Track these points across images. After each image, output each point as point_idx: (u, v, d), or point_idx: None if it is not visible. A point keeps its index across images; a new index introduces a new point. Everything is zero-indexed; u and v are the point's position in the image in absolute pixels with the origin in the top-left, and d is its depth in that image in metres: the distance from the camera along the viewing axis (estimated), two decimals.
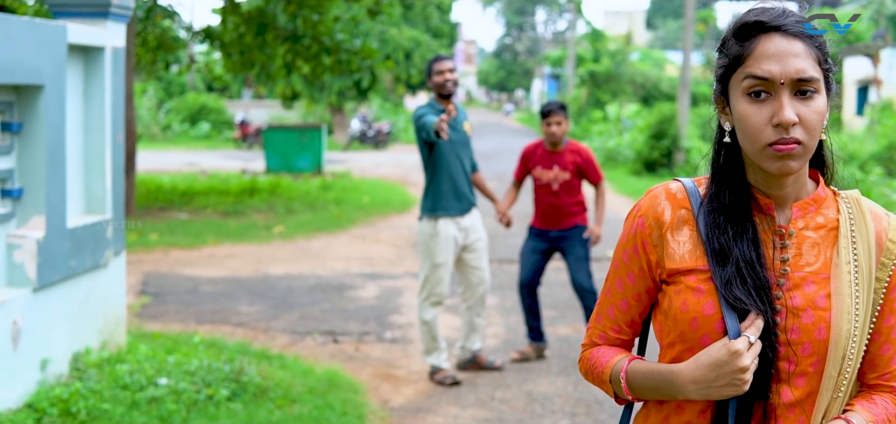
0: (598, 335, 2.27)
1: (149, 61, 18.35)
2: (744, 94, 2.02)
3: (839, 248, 2.07)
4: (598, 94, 40.44)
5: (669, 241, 2.11)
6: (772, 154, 1.99)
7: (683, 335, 2.07)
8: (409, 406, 6.92)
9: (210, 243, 13.80)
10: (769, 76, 1.98)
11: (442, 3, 41.44)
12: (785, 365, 2.02)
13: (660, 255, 2.13)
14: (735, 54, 2.05)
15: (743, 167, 2.11)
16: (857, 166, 18.16)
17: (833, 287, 2.04)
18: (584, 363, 2.30)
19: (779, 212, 2.10)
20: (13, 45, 5.89)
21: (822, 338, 2.01)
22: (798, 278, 2.05)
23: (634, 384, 2.16)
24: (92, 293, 6.94)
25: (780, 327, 2.02)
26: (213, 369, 6.76)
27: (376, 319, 9.42)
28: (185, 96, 41.87)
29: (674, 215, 2.13)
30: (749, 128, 2.01)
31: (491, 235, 14.76)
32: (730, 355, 1.97)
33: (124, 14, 7.28)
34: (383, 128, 35.85)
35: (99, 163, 7.13)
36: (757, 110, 1.99)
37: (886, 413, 2.10)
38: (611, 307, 2.24)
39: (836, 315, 2.02)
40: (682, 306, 2.07)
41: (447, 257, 7.44)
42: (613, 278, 2.23)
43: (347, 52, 16.83)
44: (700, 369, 2.01)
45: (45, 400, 5.94)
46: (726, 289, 2.01)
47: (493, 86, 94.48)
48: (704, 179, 2.18)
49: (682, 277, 2.09)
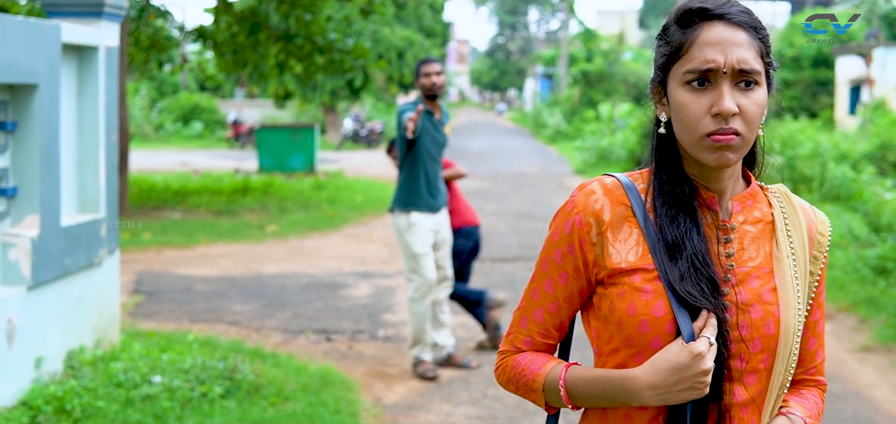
0: (523, 341, 2.12)
1: (142, 61, 18.35)
2: (683, 82, 1.94)
3: (778, 242, 2.02)
4: (591, 93, 40.53)
5: (610, 240, 1.99)
6: (709, 145, 1.91)
7: (631, 339, 1.95)
8: (402, 403, 6.95)
9: (203, 242, 13.81)
10: (711, 64, 1.91)
11: (434, 2, 41.46)
12: (737, 363, 1.95)
13: (597, 254, 2.00)
14: (677, 42, 1.97)
15: (681, 161, 2.02)
16: (850, 165, 18.22)
17: (778, 281, 1.99)
18: (505, 372, 2.14)
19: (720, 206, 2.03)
20: (7, 44, 5.91)
21: (770, 333, 1.96)
22: (743, 273, 1.99)
23: (576, 392, 2.02)
24: (86, 291, 6.96)
25: (730, 324, 1.94)
26: (207, 367, 6.78)
27: (369, 317, 9.44)
28: (178, 96, 41.85)
29: (613, 212, 2.00)
30: (687, 117, 1.93)
31: (487, 234, 14.82)
32: (692, 358, 1.87)
33: (118, 13, 7.29)
34: (376, 127, 35.87)
35: (93, 162, 7.15)
36: (696, 99, 1.92)
37: (816, 406, 2.10)
38: (539, 310, 2.10)
39: (784, 309, 1.97)
40: (628, 309, 1.95)
41: (426, 246, 7.56)
42: (541, 279, 2.09)
43: (340, 51, 16.84)
44: (658, 373, 1.90)
45: (40, 398, 5.96)
46: (680, 285, 1.91)
47: (486, 85, 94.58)
48: (640, 173, 2.08)
49: (625, 277, 1.97)
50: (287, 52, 17.01)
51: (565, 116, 41.53)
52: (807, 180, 16.60)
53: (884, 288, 9.93)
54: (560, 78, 51.06)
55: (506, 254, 13.04)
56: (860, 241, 11.89)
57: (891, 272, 10.36)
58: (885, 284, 10.07)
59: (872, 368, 7.96)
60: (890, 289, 9.89)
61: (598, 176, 2.08)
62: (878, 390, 7.44)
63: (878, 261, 10.60)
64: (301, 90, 31.99)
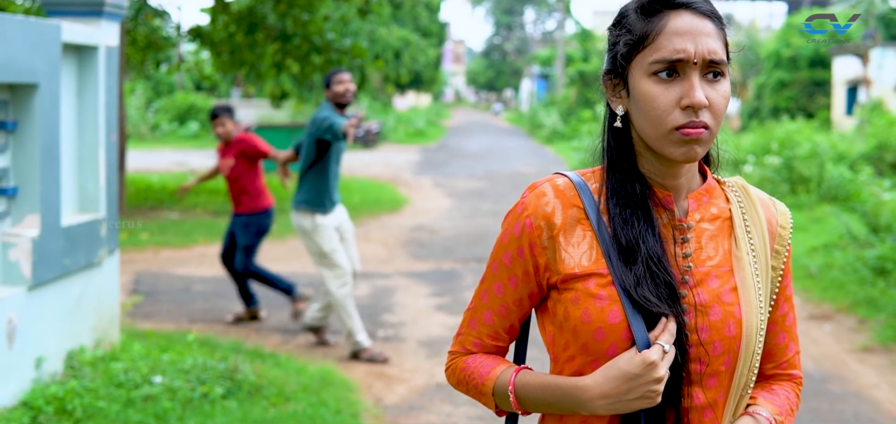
0: (473, 343, 2.08)
1: (138, 61, 18.33)
2: (650, 73, 1.86)
3: (737, 238, 1.96)
4: (588, 93, 40.52)
5: (562, 244, 1.92)
6: (678, 138, 1.84)
7: (586, 346, 1.89)
8: (403, 404, 6.94)
9: (201, 242, 13.79)
10: (681, 55, 1.82)
11: (431, 2, 41.49)
12: (696, 366, 1.89)
13: (549, 258, 1.93)
14: (641, 31, 1.88)
15: (635, 157, 1.95)
16: (847, 165, 18.23)
17: (738, 280, 1.92)
18: (455, 374, 2.11)
19: (676, 204, 1.96)
20: (8, 43, 5.90)
21: (731, 334, 1.89)
22: (701, 273, 1.92)
23: (525, 397, 1.97)
24: (86, 291, 6.94)
25: (688, 327, 1.88)
26: (208, 367, 6.77)
27: (368, 318, 9.42)
28: (174, 96, 41.79)
29: (565, 215, 1.93)
30: (654, 110, 1.85)
31: (481, 233, 14.84)
32: (644, 367, 1.81)
33: (118, 13, 7.28)
34: (373, 127, 35.84)
35: (92, 162, 7.14)
36: (664, 91, 1.84)
37: (788, 401, 2.03)
38: (488, 313, 2.05)
39: (745, 309, 1.91)
40: (582, 316, 1.88)
41: (335, 242, 8.01)
42: (491, 281, 2.03)
43: (338, 51, 16.83)
44: (609, 382, 1.85)
45: (41, 398, 5.94)
46: (636, 290, 1.84)
47: (482, 85, 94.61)
48: (592, 171, 2.00)
49: (579, 283, 1.90)
50: (284, 51, 16.99)
51: (562, 116, 41.55)
52: (805, 181, 16.61)
53: (883, 288, 9.93)
54: (556, 78, 51.08)
55: None
56: (859, 241, 11.90)
57: (890, 272, 10.36)
58: (885, 284, 10.07)
59: (872, 368, 7.96)
60: (889, 289, 9.89)
61: (550, 176, 2.00)
62: (879, 390, 7.44)
63: (878, 261, 10.60)
64: (297, 90, 31.95)
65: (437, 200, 19.52)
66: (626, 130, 1.95)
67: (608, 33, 1.99)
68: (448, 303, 10.11)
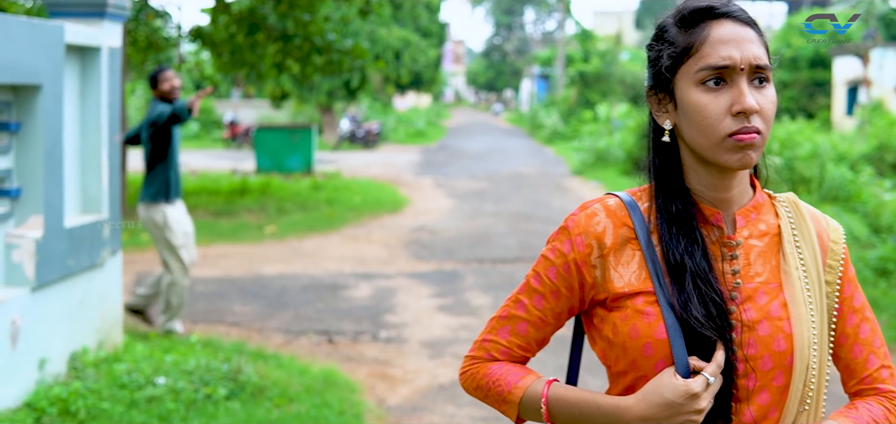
0: (500, 351, 2.07)
1: (139, 61, 18.32)
2: (697, 83, 1.87)
3: (785, 254, 1.95)
4: (588, 94, 40.54)
5: (612, 263, 1.94)
6: (732, 145, 1.84)
7: (635, 363, 1.90)
8: (406, 404, 6.94)
9: (202, 243, 13.76)
10: (729, 62, 1.84)
11: (431, 2, 41.46)
12: (745, 382, 1.88)
13: (597, 277, 1.96)
14: (684, 43, 1.90)
15: (681, 173, 1.97)
16: (848, 166, 18.23)
17: (787, 295, 1.92)
18: (474, 378, 2.10)
19: (725, 221, 1.96)
20: (11, 44, 5.90)
21: (781, 350, 1.88)
22: (749, 289, 1.92)
23: (557, 411, 1.98)
24: (89, 292, 6.94)
25: (736, 343, 1.87)
26: (211, 368, 6.77)
27: (370, 318, 9.43)
28: None
29: (615, 235, 1.96)
30: (705, 119, 1.86)
31: (483, 234, 14.84)
32: (686, 397, 1.83)
33: (121, 14, 7.28)
34: (373, 128, 35.85)
35: (95, 163, 7.14)
36: (713, 99, 1.85)
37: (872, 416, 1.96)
38: (524, 324, 2.05)
39: (796, 324, 1.90)
40: (631, 332, 1.90)
41: (182, 237, 8.36)
42: (530, 294, 2.04)
43: (339, 52, 16.82)
44: (651, 407, 1.86)
45: (44, 399, 5.95)
46: (685, 310, 1.86)
47: (482, 86, 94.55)
48: (641, 190, 2.02)
49: (628, 301, 1.92)
50: (285, 52, 16.99)
51: (562, 116, 41.55)
52: (806, 181, 16.61)
53: (885, 289, 9.94)
54: (556, 79, 51.09)
55: (506, 255, 13.02)
56: (860, 242, 11.90)
57: (892, 273, 10.37)
58: (887, 285, 10.08)
59: None
60: (891, 290, 9.90)
61: (601, 196, 2.03)
62: None
63: (879, 262, 10.61)
64: (298, 91, 31.97)
65: (438, 200, 19.51)
66: (673, 144, 1.96)
67: (648, 50, 2.00)
68: (450, 304, 10.11)
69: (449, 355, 8.17)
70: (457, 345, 8.47)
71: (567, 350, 2.14)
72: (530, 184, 22.75)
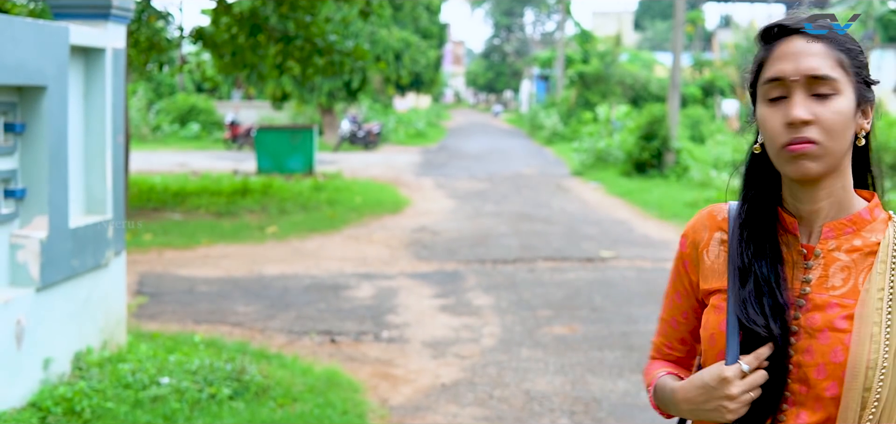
0: (656, 349, 2.27)
1: (141, 63, 18.34)
2: (763, 98, 1.96)
3: (873, 273, 1.93)
4: (588, 95, 40.55)
5: (705, 261, 2.09)
6: (787, 156, 1.90)
7: (706, 352, 2.04)
8: (409, 404, 6.98)
9: (204, 243, 13.83)
10: (781, 74, 1.91)
11: (431, 3, 41.49)
12: (799, 387, 1.93)
13: (697, 276, 2.11)
14: (759, 58, 2.00)
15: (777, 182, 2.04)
16: None
17: (857, 311, 1.91)
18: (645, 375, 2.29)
19: (803, 231, 2.00)
20: (16, 46, 5.93)
21: (837, 361, 1.89)
22: (820, 300, 1.94)
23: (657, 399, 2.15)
24: (93, 292, 6.98)
25: (793, 347, 1.92)
26: (215, 368, 6.80)
27: (373, 319, 9.47)
28: (175, 97, 41.83)
29: (710, 236, 2.09)
30: (767, 131, 1.94)
31: (483, 234, 14.86)
32: (718, 381, 1.92)
33: (125, 15, 7.32)
34: (373, 129, 35.88)
35: (100, 163, 7.17)
36: (773, 113, 1.93)
37: None
38: (665, 324, 2.23)
39: (856, 339, 1.89)
40: (706, 323, 2.04)
41: None
42: (667, 295, 2.23)
43: (340, 53, 16.85)
44: (692, 390, 1.98)
45: (49, 399, 5.98)
46: (741, 309, 1.95)
47: (482, 87, 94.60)
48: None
49: (711, 297, 2.06)
50: (286, 53, 17.01)
51: (562, 117, 41.58)
52: None
53: None
54: (556, 79, 51.10)
55: (507, 256, 13.06)
56: None
57: None
58: None
59: None
60: None
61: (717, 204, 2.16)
62: None
63: None
64: (298, 91, 32.01)
65: (439, 201, 19.55)
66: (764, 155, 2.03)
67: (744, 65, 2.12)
68: (452, 304, 10.15)
69: (451, 355, 8.21)
70: (458, 345, 8.51)
71: (569, 350, 2.23)
72: (530, 185, 22.78)
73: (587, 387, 7.30)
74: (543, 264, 12.49)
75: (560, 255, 13.09)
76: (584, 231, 15.34)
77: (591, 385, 7.35)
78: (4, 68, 5.84)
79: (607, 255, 13.09)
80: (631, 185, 21.44)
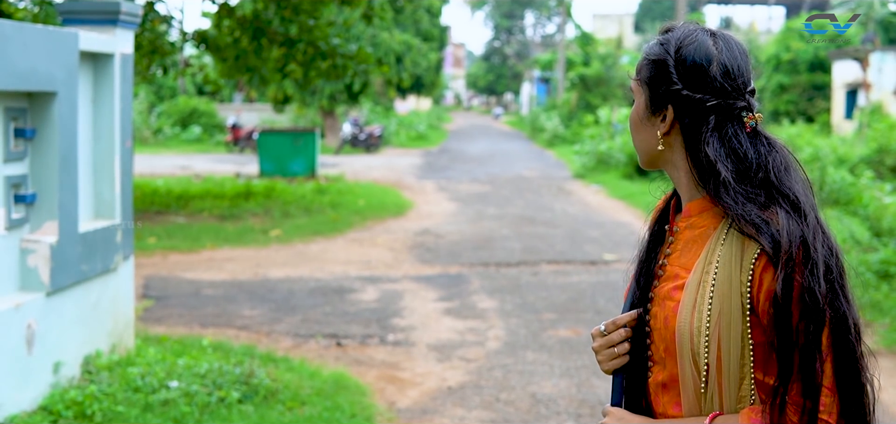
0: None
1: (144, 66, 18.38)
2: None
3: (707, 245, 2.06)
4: (589, 97, 40.62)
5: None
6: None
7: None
8: (416, 407, 7.02)
9: (208, 246, 13.87)
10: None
11: (432, 6, 41.55)
12: (655, 349, 2.14)
13: None
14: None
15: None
16: (848, 169, 18.31)
17: (687, 281, 2.05)
18: None
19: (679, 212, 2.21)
20: (27, 52, 5.98)
21: (668, 326, 2.08)
22: (671, 272, 2.14)
23: None
24: (102, 296, 7.03)
25: (650, 314, 2.15)
26: (224, 371, 6.85)
27: (378, 322, 9.51)
28: (177, 100, 41.87)
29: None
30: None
31: (487, 237, 14.90)
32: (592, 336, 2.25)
33: (133, 21, 7.37)
34: (375, 131, 35.91)
35: (108, 168, 7.22)
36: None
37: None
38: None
39: (681, 307, 2.04)
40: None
41: None
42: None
43: (343, 56, 16.89)
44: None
45: (60, 403, 6.03)
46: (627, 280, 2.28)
47: (482, 89, 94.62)
48: None
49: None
50: (289, 56, 17.05)
51: (563, 120, 41.63)
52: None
53: (887, 292, 10.01)
54: (557, 82, 51.15)
55: (510, 258, 13.10)
56: (862, 245, 11.98)
57: (893, 276, 10.44)
58: (889, 288, 10.16)
59: (879, 372, 8.02)
60: (893, 293, 9.97)
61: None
62: (885, 393, 7.51)
63: (881, 265, 10.68)
64: (300, 94, 32.04)
65: (442, 204, 19.59)
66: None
67: None
68: (456, 307, 10.19)
69: (456, 358, 8.26)
70: (464, 348, 8.56)
71: (574, 353, 2.38)
72: (532, 187, 22.82)
73: (593, 390, 7.34)
74: (547, 267, 12.53)
75: (563, 258, 13.14)
76: (587, 234, 15.39)
77: (597, 388, 7.40)
78: (15, 74, 5.90)
79: (610, 258, 13.14)
80: (633, 187, 21.47)
